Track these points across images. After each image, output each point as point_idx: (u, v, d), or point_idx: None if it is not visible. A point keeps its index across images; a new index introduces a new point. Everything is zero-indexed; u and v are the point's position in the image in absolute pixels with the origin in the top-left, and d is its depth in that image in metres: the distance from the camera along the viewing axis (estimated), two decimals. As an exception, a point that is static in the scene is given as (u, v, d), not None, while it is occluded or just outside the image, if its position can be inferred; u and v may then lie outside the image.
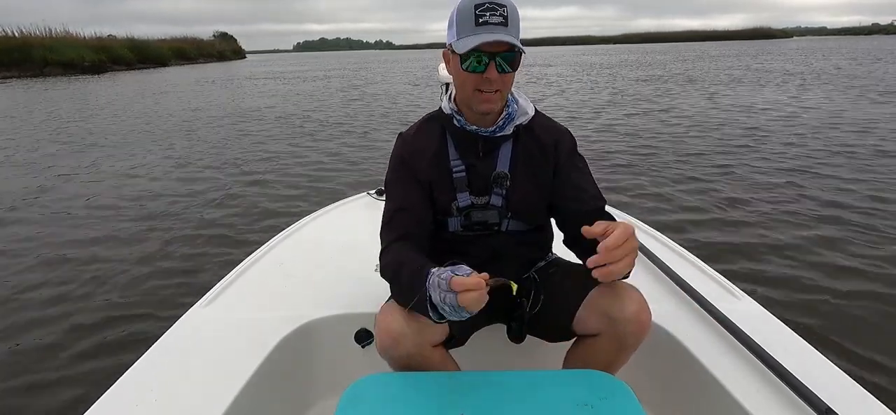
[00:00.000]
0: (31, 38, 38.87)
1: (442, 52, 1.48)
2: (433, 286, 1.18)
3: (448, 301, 1.13)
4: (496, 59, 1.31)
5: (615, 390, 1.26)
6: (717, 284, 1.92)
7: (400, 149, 1.54)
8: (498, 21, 1.29)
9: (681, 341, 1.61)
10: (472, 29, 1.29)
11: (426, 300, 1.20)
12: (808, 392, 1.29)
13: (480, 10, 1.29)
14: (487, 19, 1.28)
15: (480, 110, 1.40)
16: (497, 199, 1.50)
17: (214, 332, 1.70)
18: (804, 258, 3.78)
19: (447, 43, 1.40)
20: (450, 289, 1.13)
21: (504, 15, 1.29)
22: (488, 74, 1.32)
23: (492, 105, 1.39)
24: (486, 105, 1.38)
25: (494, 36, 1.28)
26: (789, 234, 4.23)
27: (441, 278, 1.16)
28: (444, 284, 1.14)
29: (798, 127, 8.91)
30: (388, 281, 1.40)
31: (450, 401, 1.22)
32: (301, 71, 38.33)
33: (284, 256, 2.29)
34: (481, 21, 1.29)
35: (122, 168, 7.56)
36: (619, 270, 1.17)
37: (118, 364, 1.77)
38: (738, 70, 23.14)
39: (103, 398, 1.40)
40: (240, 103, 16.11)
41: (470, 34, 1.30)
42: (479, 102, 1.38)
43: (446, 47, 1.42)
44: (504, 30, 1.29)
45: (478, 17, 1.29)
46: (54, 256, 4.32)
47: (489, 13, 1.28)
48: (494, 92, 1.36)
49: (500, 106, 1.42)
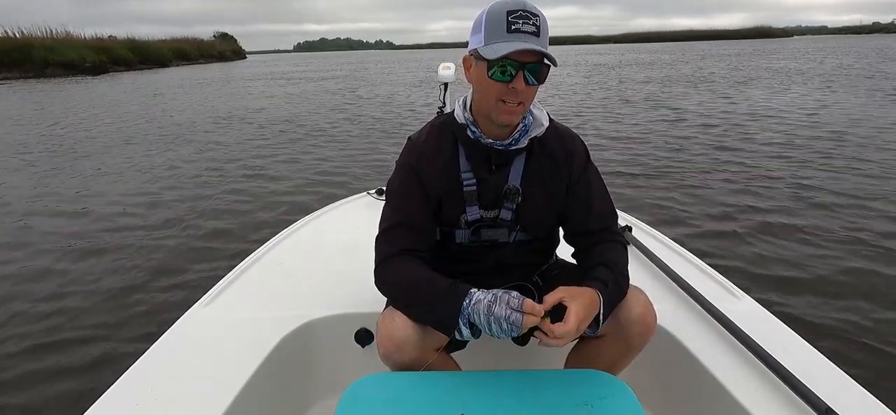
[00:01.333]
0: (32, 39, 38.85)
1: (462, 58, 1.41)
2: (485, 307, 1.21)
3: (513, 320, 1.19)
4: (525, 69, 1.25)
5: (615, 389, 1.26)
6: (717, 283, 1.92)
7: (408, 155, 1.47)
8: (530, 30, 1.23)
9: (681, 341, 1.61)
10: (504, 35, 1.23)
11: (457, 317, 1.24)
12: (808, 392, 1.29)
13: (513, 17, 1.23)
14: (520, 27, 1.23)
15: (501, 122, 1.34)
16: (507, 213, 1.45)
17: (214, 332, 1.70)
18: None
19: (471, 47, 1.33)
20: (520, 309, 1.19)
21: (537, 24, 1.24)
22: (515, 84, 1.26)
23: (513, 118, 1.33)
24: (507, 117, 1.32)
25: (527, 45, 1.22)
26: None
27: (500, 298, 1.21)
28: (516, 303, 1.20)
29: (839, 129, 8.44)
30: (394, 297, 1.39)
31: (450, 400, 1.22)
32: (303, 71, 38.23)
33: (284, 255, 2.29)
34: (514, 28, 1.23)
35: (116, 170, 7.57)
36: (552, 346, 1.24)
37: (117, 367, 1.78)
38: (752, 70, 22.52)
39: (104, 397, 1.40)
40: (248, 103, 16.07)
41: (501, 40, 1.24)
42: (500, 113, 1.32)
43: (468, 53, 1.36)
44: (536, 40, 1.24)
45: (510, 24, 1.23)
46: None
47: (522, 21, 1.23)
48: (518, 104, 1.30)
49: (519, 119, 1.36)
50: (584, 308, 1.24)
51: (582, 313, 1.23)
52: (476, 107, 1.40)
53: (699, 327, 1.67)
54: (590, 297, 1.27)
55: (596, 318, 1.28)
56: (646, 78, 20.63)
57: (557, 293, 1.25)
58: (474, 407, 1.19)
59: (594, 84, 18.66)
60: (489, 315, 1.20)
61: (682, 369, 1.58)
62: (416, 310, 1.32)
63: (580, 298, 1.25)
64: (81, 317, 3.34)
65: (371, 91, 19.18)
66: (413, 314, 1.32)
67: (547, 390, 1.25)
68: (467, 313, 1.23)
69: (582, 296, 1.26)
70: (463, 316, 1.24)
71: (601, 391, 1.24)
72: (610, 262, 1.39)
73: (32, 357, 2.91)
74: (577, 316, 1.22)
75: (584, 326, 1.24)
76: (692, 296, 1.78)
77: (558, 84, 18.58)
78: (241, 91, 21.13)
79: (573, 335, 1.24)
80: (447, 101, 3.22)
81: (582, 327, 1.24)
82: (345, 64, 53.00)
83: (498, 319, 1.19)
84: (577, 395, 1.23)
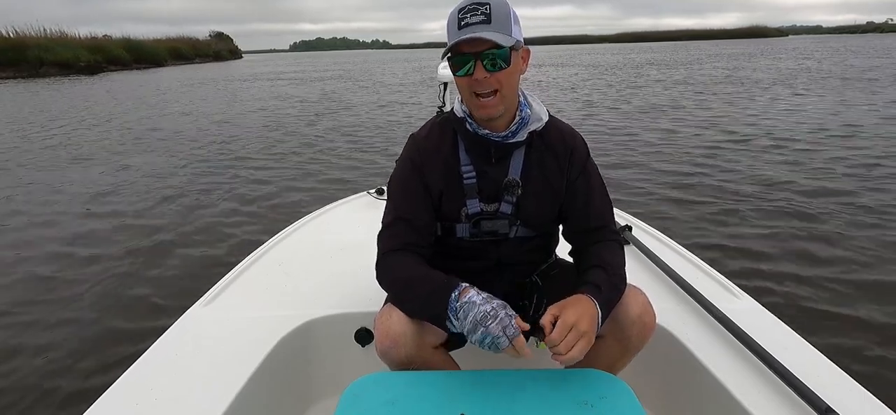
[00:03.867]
0: (27, 39, 38.70)
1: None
2: (479, 314, 1.19)
3: (499, 343, 1.18)
4: (482, 58, 1.28)
5: (615, 388, 1.26)
6: (717, 283, 1.93)
7: (410, 151, 1.49)
8: (478, 20, 1.27)
9: (681, 340, 1.61)
10: (456, 33, 1.29)
11: (445, 310, 1.24)
12: (807, 391, 1.29)
13: (462, 13, 1.28)
14: (468, 20, 1.27)
15: (479, 116, 1.38)
16: (507, 206, 1.46)
17: (214, 331, 1.70)
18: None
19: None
20: (511, 337, 1.18)
21: (486, 12, 1.27)
22: (476, 75, 1.29)
23: (490, 110, 1.34)
24: (483, 111, 1.35)
25: (474, 34, 1.26)
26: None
27: (500, 319, 1.19)
28: (511, 327, 1.19)
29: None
30: (392, 292, 1.40)
31: (450, 400, 1.21)
32: (299, 71, 38.09)
33: (284, 255, 2.29)
34: (463, 24, 1.28)
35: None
36: (567, 358, 1.20)
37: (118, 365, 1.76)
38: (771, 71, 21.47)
39: (104, 397, 1.40)
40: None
41: (454, 38, 1.29)
42: (476, 108, 1.35)
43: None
44: (486, 27, 1.26)
45: (460, 20, 1.28)
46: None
47: (470, 14, 1.27)
48: (492, 95, 1.32)
49: (501, 110, 1.36)
50: (575, 314, 1.23)
51: (572, 318, 1.21)
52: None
53: (699, 326, 1.67)
54: (582, 304, 1.26)
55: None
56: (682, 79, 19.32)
57: (549, 315, 1.24)
58: (474, 406, 1.19)
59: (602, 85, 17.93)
60: (476, 323, 1.19)
61: (682, 369, 1.58)
62: (413, 304, 1.33)
63: (571, 307, 1.25)
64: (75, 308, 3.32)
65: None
66: (409, 309, 1.33)
67: (546, 389, 1.25)
68: (455, 307, 1.23)
69: (573, 305, 1.26)
70: (452, 308, 1.24)
71: (601, 391, 1.24)
72: (605, 263, 1.40)
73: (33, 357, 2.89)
74: (563, 321, 1.21)
75: (583, 325, 1.22)
76: (692, 295, 1.79)
77: (575, 86, 18.18)
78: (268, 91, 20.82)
79: (570, 324, 1.22)
80: (447, 100, 3.22)
81: (582, 326, 1.22)
82: (343, 63, 52.75)
83: (487, 333, 1.18)
84: (576, 394, 1.23)
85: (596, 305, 1.28)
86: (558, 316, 1.22)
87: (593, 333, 1.24)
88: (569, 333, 1.20)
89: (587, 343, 1.22)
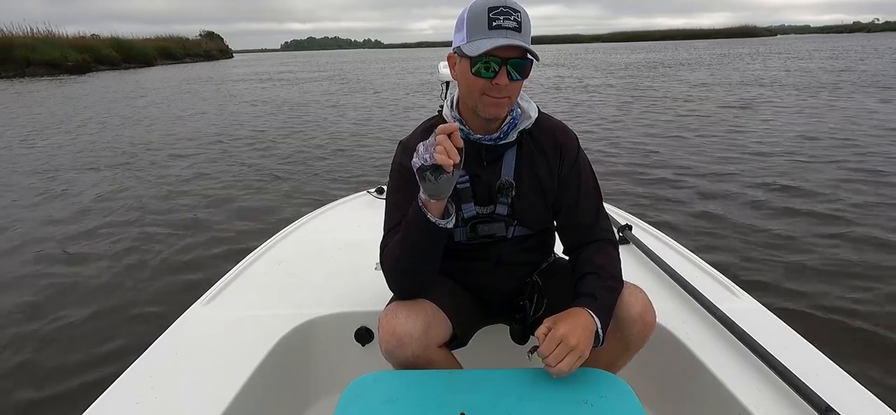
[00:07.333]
0: (13, 38, 38.25)
1: (447, 55, 1.41)
2: (420, 177, 1.19)
3: (430, 151, 1.15)
4: (508, 64, 1.26)
5: (615, 387, 1.26)
6: (717, 282, 1.93)
7: (400, 157, 1.46)
8: (511, 26, 1.23)
9: (681, 340, 1.62)
10: (485, 32, 1.24)
11: (426, 218, 1.25)
12: (808, 391, 1.30)
13: (494, 13, 1.23)
14: (501, 23, 1.22)
15: (487, 114, 1.34)
16: (502, 208, 1.46)
17: (214, 330, 1.69)
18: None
19: (454, 45, 1.33)
20: (432, 152, 1.15)
21: (518, 20, 1.24)
22: (498, 80, 1.26)
23: (499, 110, 1.33)
24: (492, 109, 1.32)
25: (508, 40, 1.22)
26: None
27: (417, 161, 1.18)
28: (431, 146, 1.16)
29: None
30: (398, 271, 1.37)
31: (450, 399, 1.21)
32: (292, 71, 37.85)
33: (284, 254, 2.28)
34: (495, 25, 1.23)
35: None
36: (556, 371, 1.22)
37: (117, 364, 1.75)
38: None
39: (104, 396, 1.39)
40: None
41: (482, 37, 1.24)
42: (485, 106, 1.32)
43: (452, 51, 1.36)
44: (517, 35, 1.24)
45: (491, 20, 1.23)
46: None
47: (503, 17, 1.22)
48: (503, 98, 1.30)
49: (506, 110, 1.36)
50: (566, 327, 1.23)
51: (562, 331, 1.22)
52: (462, 104, 1.42)
53: (699, 325, 1.68)
54: (576, 317, 1.26)
55: (595, 333, 1.28)
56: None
57: (544, 326, 1.24)
58: (474, 405, 1.19)
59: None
60: (423, 184, 1.20)
61: (682, 368, 1.59)
62: (411, 251, 1.32)
63: (563, 321, 1.25)
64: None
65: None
66: (410, 257, 1.33)
67: (546, 388, 1.25)
68: (423, 200, 1.24)
69: (566, 318, 1.26)
70: (424, 210, 1.24)
71: (601, 389, 1.24)
72: (597, 267, 1.39)
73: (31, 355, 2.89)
74: (551, 335, 1.21)
75: (573, 339, 1.22)
76: (692, 294, 1.79)
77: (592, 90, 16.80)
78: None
79: (559, 339, 1.22)
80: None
81: (571, 341, 1.22)
82: (338, 64, 52.48)
83: (427, 178, 1.18)
84: (576, 393, 1.23)
85: (592, 316, 1.28)
86: (552, 328, 1.23)
87: (586, 345, 1.24)
88: (557, 346, 1.20)
89: (577, 357, 1.22)
